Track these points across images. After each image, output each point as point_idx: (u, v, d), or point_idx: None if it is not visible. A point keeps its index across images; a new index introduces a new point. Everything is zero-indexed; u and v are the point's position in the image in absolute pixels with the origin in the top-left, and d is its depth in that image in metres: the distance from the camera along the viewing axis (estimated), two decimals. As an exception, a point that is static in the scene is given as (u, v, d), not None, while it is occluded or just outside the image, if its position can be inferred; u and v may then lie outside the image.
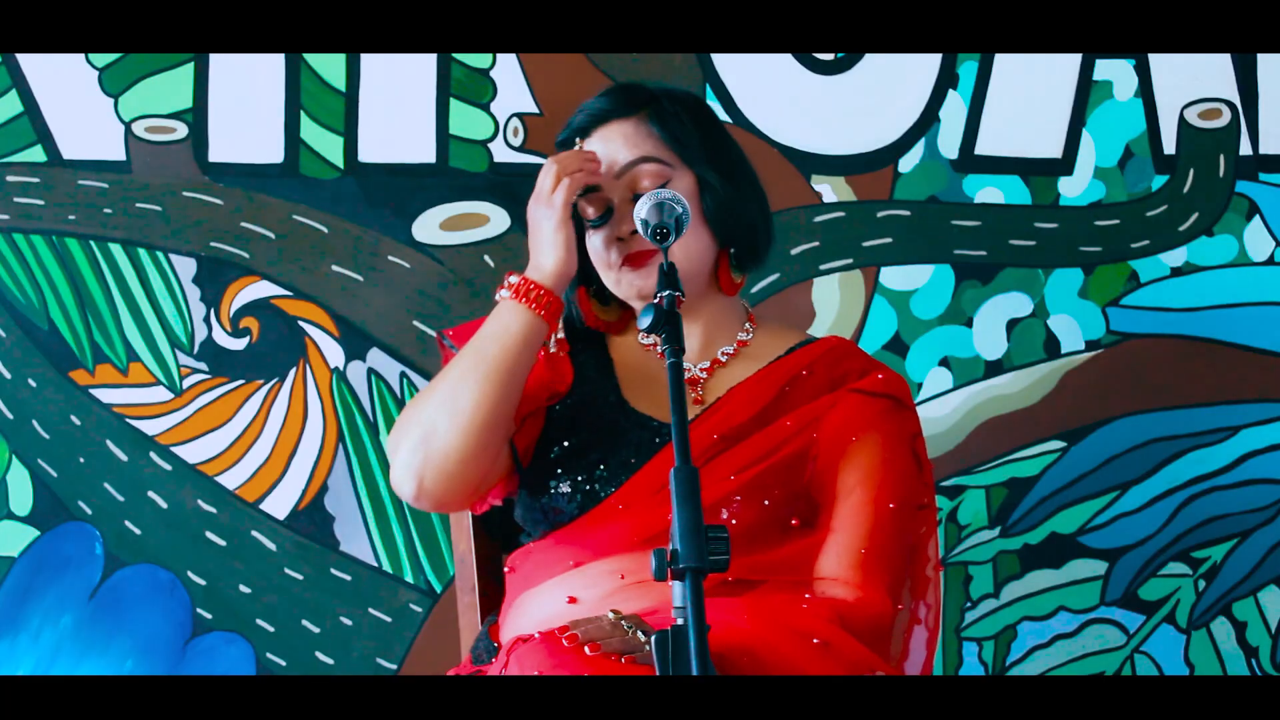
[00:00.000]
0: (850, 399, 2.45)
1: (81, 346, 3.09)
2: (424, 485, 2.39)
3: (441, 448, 2.37)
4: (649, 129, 2.47)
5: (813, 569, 2.39)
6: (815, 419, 2.43)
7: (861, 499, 2.40)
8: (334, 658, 3.12)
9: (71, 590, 3.08)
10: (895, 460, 2.43)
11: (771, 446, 2.41)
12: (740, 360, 2.51)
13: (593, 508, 2.40)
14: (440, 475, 2.38)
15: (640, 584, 2.34)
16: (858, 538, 2.38)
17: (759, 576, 2.34)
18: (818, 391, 2.46)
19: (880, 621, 2.35)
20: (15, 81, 3.06)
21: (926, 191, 3.24)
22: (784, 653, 2.22)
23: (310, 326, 3.13)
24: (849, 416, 2.44)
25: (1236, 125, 3.29)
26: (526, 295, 2.39)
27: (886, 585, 2.37)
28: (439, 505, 2.44)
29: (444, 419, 2.37)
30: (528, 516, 2.47)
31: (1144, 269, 3.28)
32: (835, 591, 2.36)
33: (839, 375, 2.48)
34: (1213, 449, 3.28)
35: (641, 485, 2.39)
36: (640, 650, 2.19)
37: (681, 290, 2.21)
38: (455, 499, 2.43)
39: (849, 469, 2.42)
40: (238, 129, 3.11)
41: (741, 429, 2.43)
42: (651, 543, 2.34)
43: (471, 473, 2.40)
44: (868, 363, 2.52)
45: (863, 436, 2.43)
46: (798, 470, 2.42)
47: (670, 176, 2.45)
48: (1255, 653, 3.30)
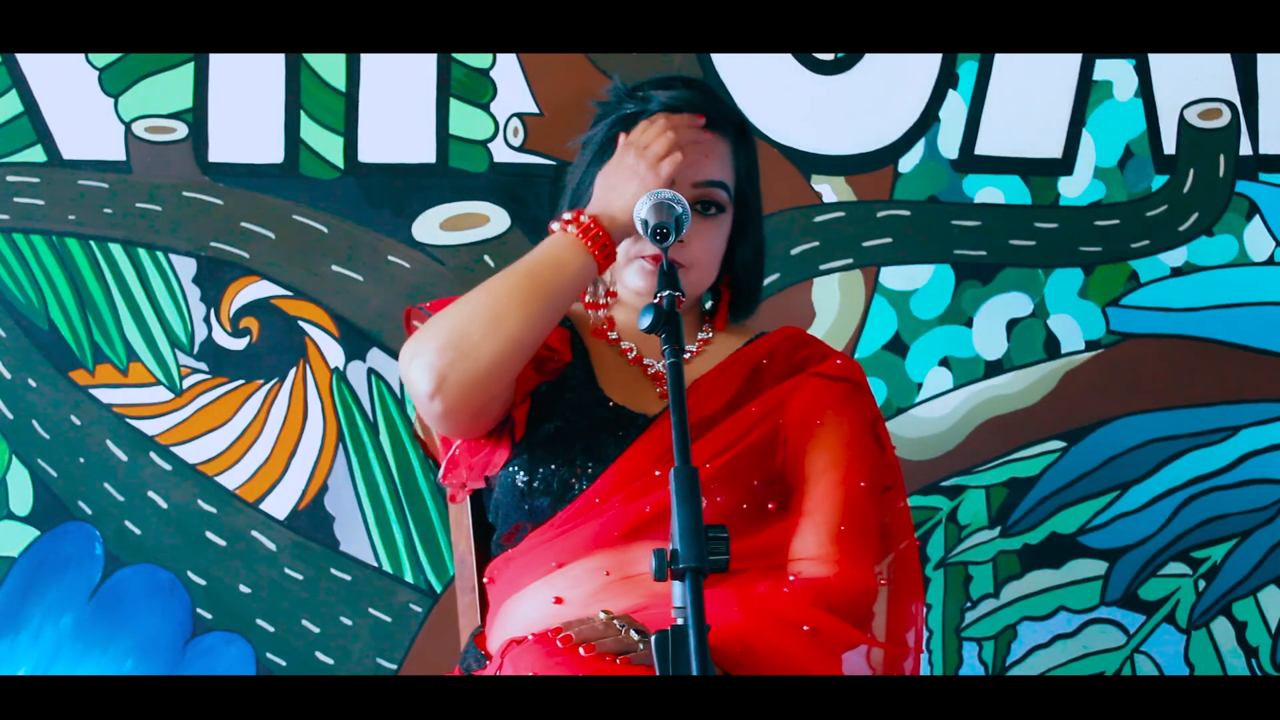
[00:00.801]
0: (812, 383, 2.50)
1: (81, 346, 3.09)
2: (445, 384, 2.34)
3: (475, 354, 2.33)
4: (733, 159, 2.53)
5: (789, 551, 2.41)
6: (780, 403, 2.48)
7: (833, 480, 2.44)
8: (334, 658, 3.12)
9: (71, 590, 3.08)
10: (858, 442, 2.48)
11: (741, 432, 2.45)
12: (702, 356, 2.56)
13: (569, 502, 2.41)
14: (464, 378, 2.34)
15: (626, 580, 2.35)
16: (833, 517, 2.42)
17: (740, 564, 2.35)
18: (780, 377, 2.51)
19: (862, 598, 2.39)
20: (15, 81, 3.06)
21: (926, 191, 3.24)
22: (776, 643, 2.25)
23: (310, 326, 3.13)
24: (812, 400, 2.48)
25: (1236, 125, 3.29)
26: (594, 238, 2.39)
27: (865, 560, 2.41)
28: (450, 410, 2.37)
29: (483, 329, 2.34)
30: (503, 502, 2.46)
31: (1144, 269, 3.28)
32: (815, 571, 2.39)
33: (799, 360, 2.53)
34: (1213, 449, 3.28)
35: (617, 478, 2.41)
36: (635, 650, 2.19)
37: (682, 290, 2.23)
38: (467, 409, 2.37)
39: (817, 452, 2.46)
40: (238, 129, 3.11)
41: (711, 418, 2.46)
42: (631, 537, 2.36)
43: (493, 387, 2.36)
44: (825, 349, 2.57)
45: (826, 419, 2.47)
46: (770, 454, 2.46)
47: (727, 207, 2.52)
48: (1255, 653, 3.30)
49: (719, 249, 2.53)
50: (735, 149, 2.54)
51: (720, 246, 2.53)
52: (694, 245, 2.48)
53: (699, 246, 2.49)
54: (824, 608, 2.32)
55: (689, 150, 2.46)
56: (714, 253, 2.52)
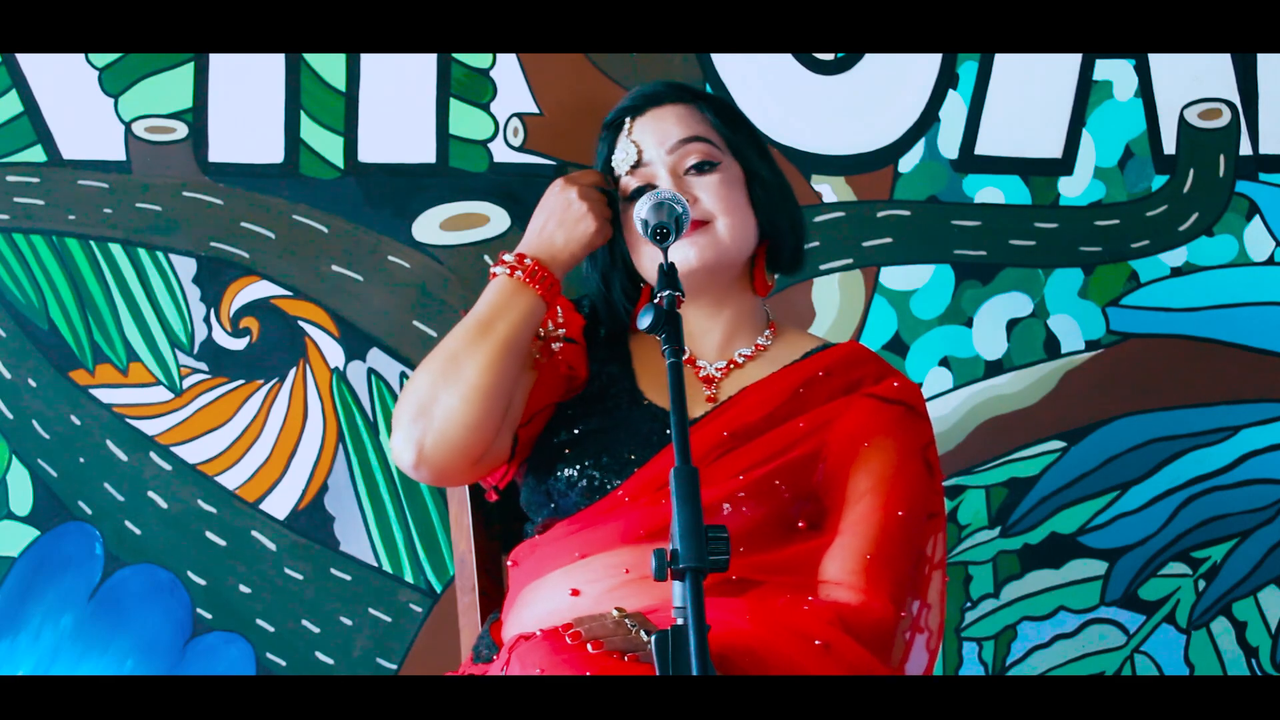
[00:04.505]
0: (864, 403, 2.46)
1: (81, 346, 3.09)
2: (424, 451, 2.39)
3: (443, 413, 2.38)
4: (702, 115, 2.53)
5: (816, 572, 2.39)
6: (827, 422, 2.44)
7: (871, 505, 2.40)
8: (334, 658, 3.12)
9: (71, 590, 3.08)
10: (906, 468, 2.44)
11: (782, 447, 2.42)
12: (757, 363, 2.53)
13: (598, 499, 2.41)
14: (441, 441, 2.39)
15: (644, 579, 2.34)
16: (865, 543, 2.38)
17: (761, 577, 2.35)
18: (832, 395, 2.47)
19: (882, 627, 2.35)
20: (15, 81, 3.06)
21: (926, 191, 3.24)
22: (785, 653, 2.22)
23: (310, 326, 3.13)
24: (862, 421, 2.44)
25: (1236, 125, 3.29)
26: (540, 280, 2.44)
27: (891, 592, 2.37)
28: (437, 474, 2.43)
29: (444, 386, 2.39)
30: (532, 500, 2.48)
31: (1144, 269, 3.28)
32: (839, 595, 2.36)
33: (854, 379, 2.49)
34: (1213, 449, 3.28)
35: (647, 477, 2.40)
36: (643, 649, 2.19)
37: (682, 290, 2.22)
38: (454, 468, 2.42)
39: (860, 474, 2.42)
40: (238, 129, 3.11)
41: (752, 428, 2.44)
42: (655, 537, 2.35)
43: (473, 442, 2.40)
44: (884, 369, 2.53)
45: (875, 442, 2.43)
46: (807, 472, 2.43)
47: (720, 159, 2.51)
48: (1255, 653, 3.30)
49: (736, 198, 2.51)
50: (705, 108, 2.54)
51: (737, 196, 2.51)
52: (704, 198, 2.48)
53: (710, 198, 2.48)
54: (841, 628, 2.29)
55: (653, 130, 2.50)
56: (731, 200, 2.50)
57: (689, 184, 2.48)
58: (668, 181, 2.48)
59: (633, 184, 2.51)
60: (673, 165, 2.50)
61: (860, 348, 2.58)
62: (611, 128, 2.56)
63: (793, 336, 2.59)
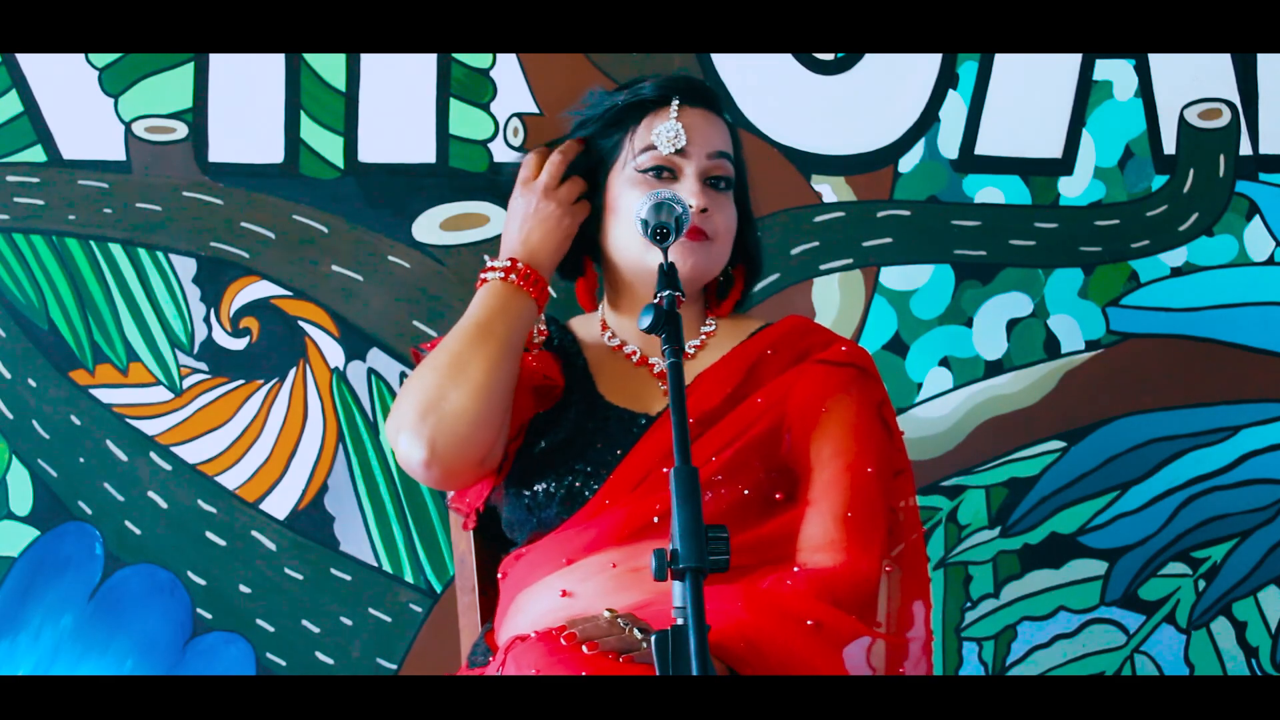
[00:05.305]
0: (816, 370, 2.50)
1: (81, 346, 3.09)
2: (436, 450, 2.41)
3: (453, 411, 2.41)
4: (729, 133, 2.60)
5: (797, 541, 2.41)
6: (784, 393, 2.49)
7: (839, 467, 2.45)
8: (334, 658, 3.12)
9: (71, 590, 3.08)
10: (865, 425, 2.49)
11: (745, 424, 2.46)
12: (706, 350, 2.58)
13: (579, 507, 2.43)
14: (453, 439, 2.41)
15: (633, 571, 2.36)
16: (840, 504, 2.43)
17: (748, 560, 2.36)
18: (784, 367, 2.52)
19: (866, 586, 2.39)
20: (15, 81, 3.06)
21: (926, 191, 3.24)
22: (780, 639, 2.26)
23: (310, 326, 3.13)
24: (817, 386, 2.49)
25: (1236, 125, 3.29)
26: (533, 283, 2.49)
27: (870, 547, 2.41)
28: (448, 473, 2.45)
29: (452, 385, 2.42)
30: (514, 519, 2.50)
31: (1144, 269, 3.28)
32: (820, 559, 2.39)
33: (803, 349, 2.54)
34: (1213, 449, 3.28)
35: (624, 479, 2.43)
36: (638, 648, 2.20)
37: (682, 290, 2.23)
38: (463, 466, 2.44)
39: (822, 439, 2.46)
40: (238, 129, 3.11)
41: (715, 412, 2.48)
42: (640, 534, 2.38)
43: (481, 439, 2.42)
44: (830, 336, 2.58)
45: (831, 405, 2.48)
46: (774, 445, 2.46)
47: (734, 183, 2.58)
48: (1255, 653, 3.30)
49: (733, 224, 2.57)
50: (732, 130, 2.60)
51: (733, 221, 2.57)
52: (717, 218, 2.53)
53: (721, 219, 2.54)
54: (828, 599, 2.33)
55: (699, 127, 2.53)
56: (731, 224, 2.57)
57: (708, 195, 2.52)
58: (693, 184, 2.50)
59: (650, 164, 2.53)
60: (702, 170, 2.53)
61: (803, 320, 2.63)
62: (654, 102, 2.56)
63: (734, 320, 2.63)
